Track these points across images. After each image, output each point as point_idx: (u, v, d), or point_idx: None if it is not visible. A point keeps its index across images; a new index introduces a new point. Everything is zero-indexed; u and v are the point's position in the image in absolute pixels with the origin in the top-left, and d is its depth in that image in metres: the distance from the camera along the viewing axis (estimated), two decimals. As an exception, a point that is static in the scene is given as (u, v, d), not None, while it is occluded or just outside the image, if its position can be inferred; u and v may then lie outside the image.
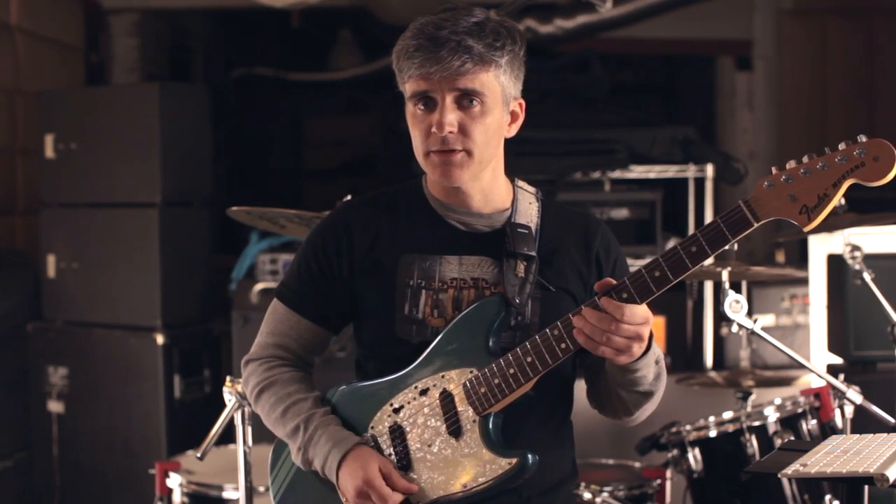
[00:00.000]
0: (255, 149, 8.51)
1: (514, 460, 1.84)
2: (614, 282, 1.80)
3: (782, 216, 1.73)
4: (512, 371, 1.85)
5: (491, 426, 1.87)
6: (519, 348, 1.85)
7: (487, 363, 1.87)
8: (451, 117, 1.87)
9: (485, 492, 1.86)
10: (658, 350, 1.91)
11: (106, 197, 4.52)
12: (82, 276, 4.56)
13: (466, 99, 1.88)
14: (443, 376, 1.91)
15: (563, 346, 1.83)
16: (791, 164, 1.73)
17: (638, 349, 1.81)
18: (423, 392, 1.92)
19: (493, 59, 1.88)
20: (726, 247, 1.77)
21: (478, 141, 1.90)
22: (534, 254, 1.95)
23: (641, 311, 1.79)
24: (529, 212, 2.01)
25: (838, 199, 1.71)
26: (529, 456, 1.84)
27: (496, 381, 1.86)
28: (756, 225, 1.74)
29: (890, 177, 1.68)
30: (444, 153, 1.89)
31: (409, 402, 1.92)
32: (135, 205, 4.46)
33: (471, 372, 1.89)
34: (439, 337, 1.92)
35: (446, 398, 1.90)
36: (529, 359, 1.84)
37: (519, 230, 1.96)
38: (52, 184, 4.64)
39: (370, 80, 7.47)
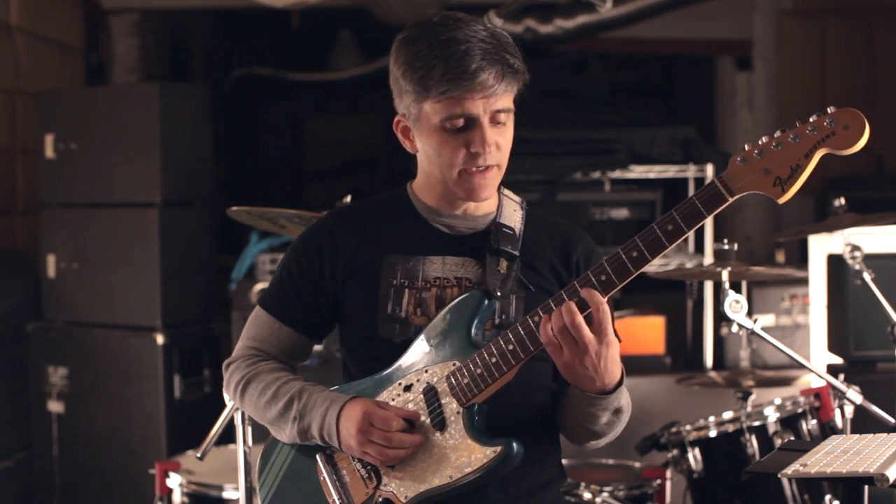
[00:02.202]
0: (256, 149, 8.52)
1: (499, 448, 1.84)
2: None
3: (756, 190, 1.74)
4: (494, 360, 1.85)
5: (475, 416, 1.88)
6: (500, 337, 1.85)
7: (470, 355, 1.88)
8: (491, 137, 1.90)
9: (472, 482, 1.86)
10: (623, 402, 1.90)
11: (106, 197, 4.51)
12: (82, 276, 4.56)
13: (497, 116, 1.91)
14: (426, 371, 1.92)
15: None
16: (764, 139, 1.74)
17: (582, 370, 1.78)
18: (407, 388, 1.92)
19: (522, 78, 1.92)
20: (702, 223, 1.78)
21: (505, 154, 1.95)
22: (516, 253, 1.96)
23: (607, 322, 1.76)
24: (514, 217, 2.03)
25: (811, 170, 1.72)
26: (514, 444, 1.84)
27: (478, 371, 1.86)
28: (731, 200, 1.75)
29: (860, 144, 1.69)
30: (482, 172, 1.91)
31: (393, 399, 1.93)
32: (135, 205, 4.45)
33: (453, 364, 1.89)
34: (422, 332, 1.93)
35: (430, 392, 1.90)
36: (511, 347, 1.84)
37: (504, 230, 1.98)
38: (52, 184, 4.64)
39: (370, 80, 7.47)
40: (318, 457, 1.97)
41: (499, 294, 1.92)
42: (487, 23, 1.95)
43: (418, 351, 1.93)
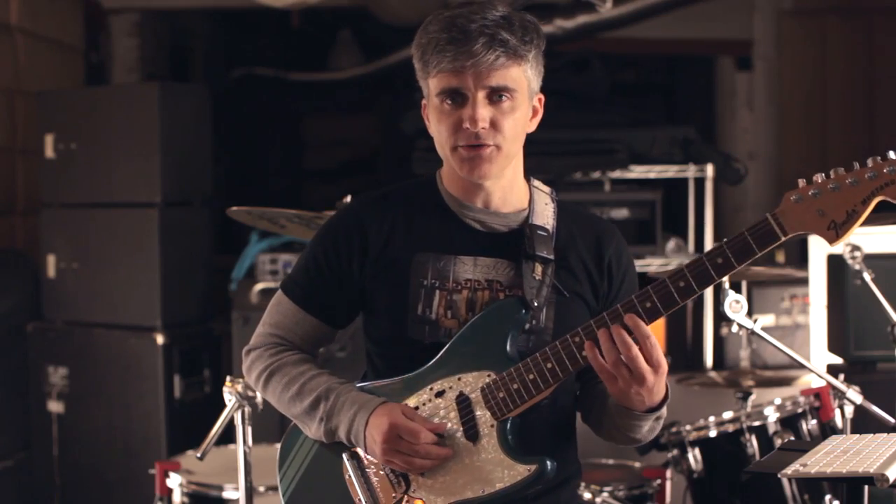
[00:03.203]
0: (255, 149, 8.51)
1: (534, 467, 1.83)
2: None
3: (810, 231, 1.71)
4: (532, 377, 1.83)
5: (509, 431, 1.86)
6: (539, 353, 1.83)
7: (505, 367, 1.86)
8: (484, 113, 1.87)
9: (502, 497, 1.85)
10: (664, 410, 1.90)
11: (106, 197, 4.51)
12: (82, 276, 4.56)
13: (497, 94, 1.88)
14: (459, 379, 1.89)
15: (584, 353, 1.81)
16: (819, 178, 1.70)
17: (637, 396, 1.79)
18: (439, 394, 1.90)
19: (524, 54, 1.88)
20: (752, 260, 1.74)
21: (507, 136, 1.90)
22: (552, 257, 1.93)
23: (658, 351, 1.77)
24: (546, 213, 1.99)
25: (867, 216, 1.69)
26: (548, 462, 1.83)
27: (515, 386, 1.84)
28: (783, 239, 1.72)
29: None
30: (473, 147, 1.88)
31: (424, 404, 1.90)
32: (135, 205, 4.45)
33: (488, 375, 1.87)
34: (455, 337, 1.90)
35: (463, 401, 1.88)
36: (550, 365, 1.82)
37: (538, 232, 1.95)
38: (52, 184, 4.64)
39: (370, 80, 7.47)
40: (344, 455, 1.95)
41: (535, 304, 1.89)
42: (513, 9, 1.92)
43: (450, 355, 1.90)
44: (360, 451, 1.94)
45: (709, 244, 4.75)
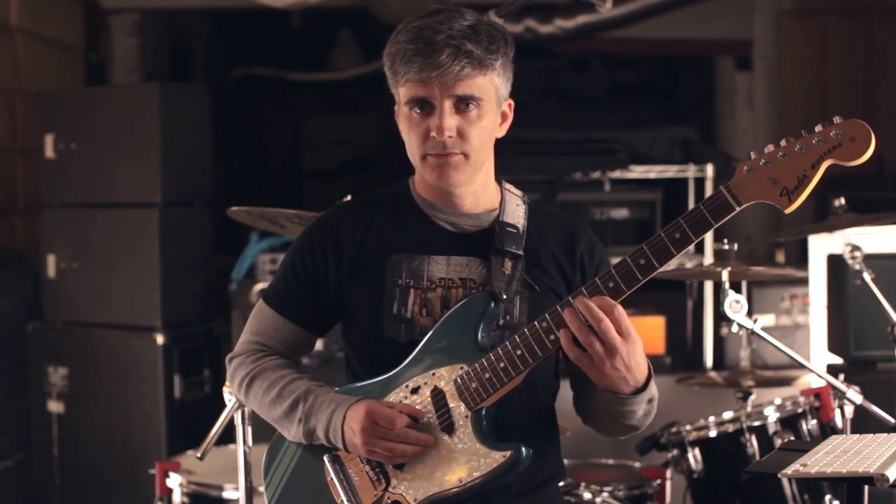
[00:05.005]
0: (255, 149, 8.52)
1: (509, 453, 1.85)
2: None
3: (763, 199, 1.75)
4: (502, 365, 1.85)
5: (483, 421, 1.88)
6: (508, 342, 1.86)
7: (477, 359, 1.88)
8: (451, 122, 1.90)
9: (480, 486, 1.86)
10: (654, 391, 1.91)
11: (106, 197, 4.51)
12: (82, 276, 4.56)
13: (464, 103, 1.90)
14: (433, 374, 1.92)
15: (552, 337, 1.83)
16: (769, 148, 1.76)
17: (615, 373, 1.78)
18: (415, 391, 1.92)
19: (489, 63, 1.91)
20: (709, 232, 1.79)
21: (475, 144, 1.92)
22: (521, 253, 1.96)
23: (625, 320, 1.77)
24: (517, 213, 2.03)
25: (817, 180, 1.74)
26: (523, 449, 1.85)
27: (487, 375, 1.86)
28: (738, 209, 1.77)
29: (866, 156, 1.71)
30: (441, 156, 1.92)
31: (400, 402, 1.93)
32: (135, 205, 4.45)
33: (461, 368, 1.89)
34: (428, 335, 1.93)
35: (438, 395, 1.90)
36: (519, 352, 1.85)
37: (508, 229, 1.98)
38: (52, 184, 4.64)
39: (370, 80, 7.47)
40: (325, 457, 1.97)
41: (504, 297, 1.92)
42: (480, 17, 1.95)
43: (424, 352, 1.93)
44: (340, 451, 1.96)
45: (708, 244, 4.75)
